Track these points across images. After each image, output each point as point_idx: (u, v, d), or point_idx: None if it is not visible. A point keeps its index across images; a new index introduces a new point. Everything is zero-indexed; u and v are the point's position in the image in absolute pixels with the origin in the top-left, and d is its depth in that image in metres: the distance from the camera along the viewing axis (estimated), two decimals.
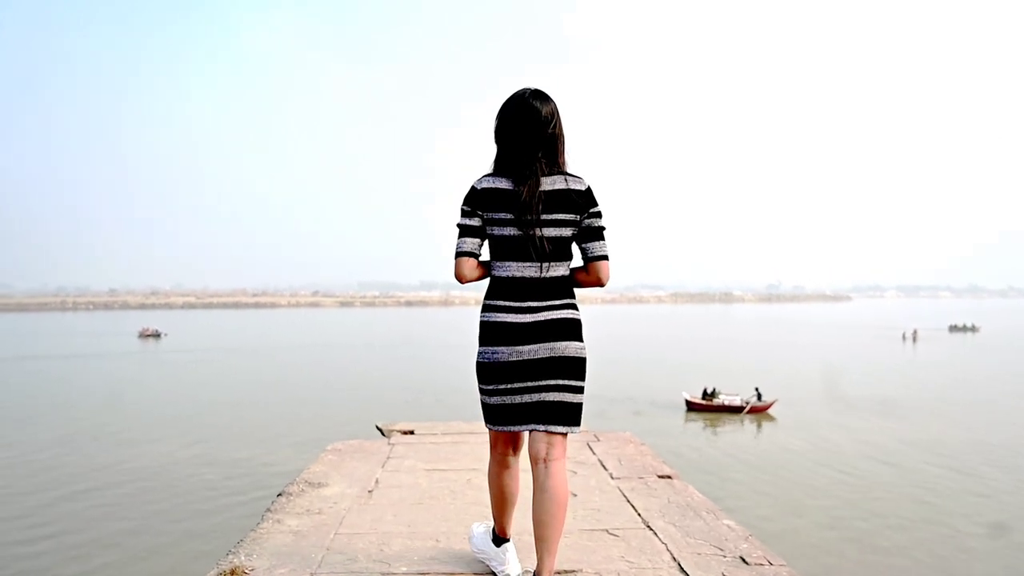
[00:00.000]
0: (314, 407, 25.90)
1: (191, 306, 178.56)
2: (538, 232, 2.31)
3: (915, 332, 62.88)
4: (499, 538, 2.58)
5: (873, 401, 28.05)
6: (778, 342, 58.24)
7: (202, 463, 17.80)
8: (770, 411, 25.93)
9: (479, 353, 2.42)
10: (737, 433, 23.45)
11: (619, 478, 3.98)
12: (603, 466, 4.26)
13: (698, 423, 24.96)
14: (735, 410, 25.99)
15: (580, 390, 2.38)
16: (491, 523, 2.71)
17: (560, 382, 2.35)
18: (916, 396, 29.91)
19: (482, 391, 2.43)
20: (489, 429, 2.48)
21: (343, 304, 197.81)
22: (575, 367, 2.36)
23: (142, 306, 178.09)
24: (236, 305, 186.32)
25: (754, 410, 25.87)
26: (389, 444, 4.83)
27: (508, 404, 2.37)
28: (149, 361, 47.13)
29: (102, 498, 15.00)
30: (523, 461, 2.56)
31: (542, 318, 2.34)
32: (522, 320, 2.33)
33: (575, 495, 3.63)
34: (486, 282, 2.46)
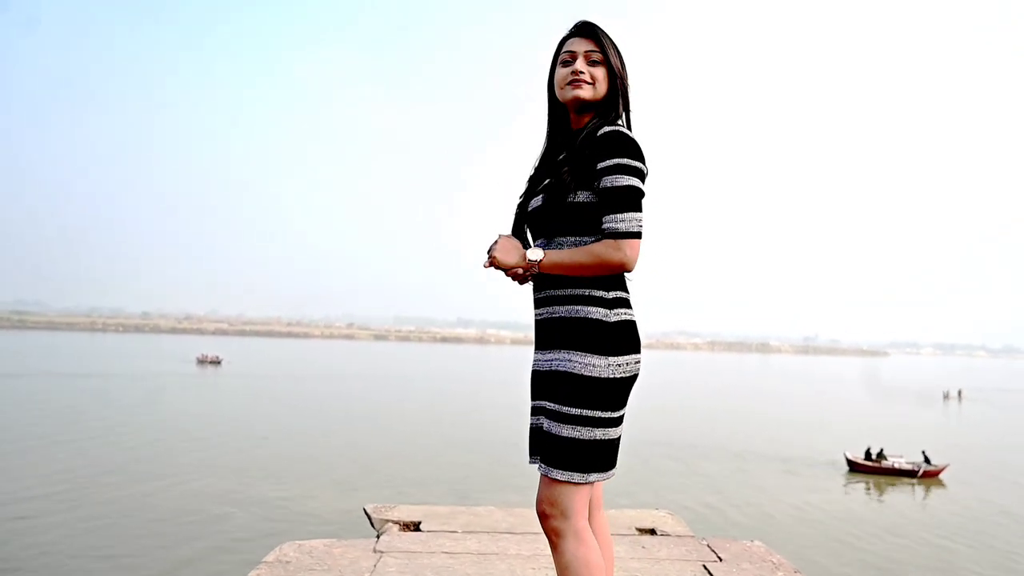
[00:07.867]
0: (341, 455, 23.43)
1: (223, 332, 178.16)
2: None
3: (960, 392, 62.30)
4: None
5: None
6: (852, 398, 55.92)
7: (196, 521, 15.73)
8: (941, 476, 24.17)
9: (620, 365, 1.68)
10: (908, 499, 21.25)
11: None
12: None
13: (860, 484, 23.02)
14: (904, 474, 24.32)
15: None
16: None
17: None
18: None
19: (607, 421, 1.69)
20: (590, 484, 1.69)
21: (377, 337, 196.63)
22: None
23: (174, 330, 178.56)
24: (269, 334, 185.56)
25: (926, 475, 24.16)
26: (374, 551, 2.93)
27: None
28: (210, 385, 47.13)
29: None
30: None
31: None
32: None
33: None
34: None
